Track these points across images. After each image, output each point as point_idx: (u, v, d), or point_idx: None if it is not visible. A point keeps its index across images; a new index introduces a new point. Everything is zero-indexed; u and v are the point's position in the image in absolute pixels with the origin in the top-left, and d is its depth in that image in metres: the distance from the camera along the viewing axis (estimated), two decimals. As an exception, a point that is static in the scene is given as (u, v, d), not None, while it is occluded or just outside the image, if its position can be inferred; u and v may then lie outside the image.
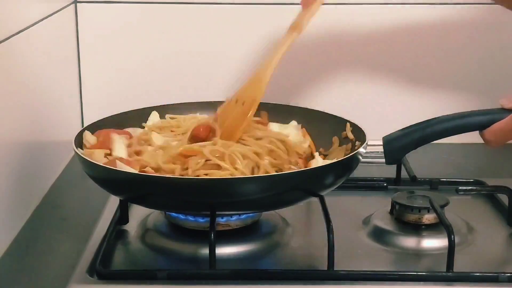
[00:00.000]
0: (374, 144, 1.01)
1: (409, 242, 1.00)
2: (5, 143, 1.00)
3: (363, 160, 0.98)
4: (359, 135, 1.03)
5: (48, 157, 1.20)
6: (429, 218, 1.01)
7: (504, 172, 1.27)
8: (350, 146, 1.05)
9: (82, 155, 0.95)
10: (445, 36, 1.38)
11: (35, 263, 0.96)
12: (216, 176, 0.94)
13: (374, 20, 1.37)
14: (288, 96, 1.35)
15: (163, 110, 1.14)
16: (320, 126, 1.10)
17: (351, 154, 0.96)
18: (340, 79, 1.40)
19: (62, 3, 1.29)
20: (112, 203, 1.07)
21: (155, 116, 1.13)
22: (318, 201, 0.96)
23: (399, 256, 0.98)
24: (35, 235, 1.03)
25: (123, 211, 1.03)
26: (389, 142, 1.01)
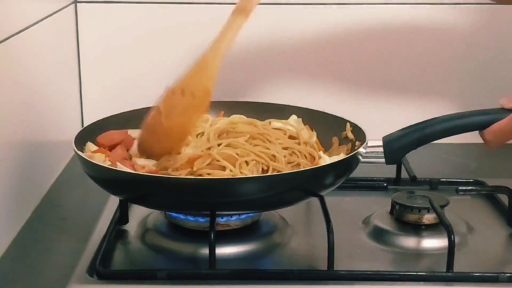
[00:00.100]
0: (374, 144, 1.01)
1: (409, 242, 1.00)
2: (5, 143, 1.00)
3: (363, 160, 0.98)
4: (359, 135, 1.03)
5: (48, 157, 1.19)
6: (429, 218, 1.01)
7: (504, 172, 1.27)
8: (350, 146, 1.05)
9: (82, 155, 0.95)
10: (445, 36, 1.38)
11: (35, 263, 0.96)
12: (217, 176, 0.94)
13: (375, 20, 1.37)
14: (288, 96, 1.35)
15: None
16: (320, 126, 1.10)
17: (351, 154, 0.96)
18: (340, 79, 1.40)
19: (62, 3, 1.29)
20: (112, 203, 1.07)
21: None
22: (318, 201, 0.96)
23: (399, 256, 0.98)
24: (35, 235, 1.03)
25: (123, 211, 1.03)
26: (389, 142, 1.01)
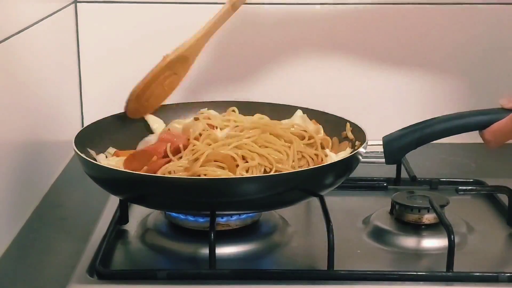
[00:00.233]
0: (374, 144, 1.01)
1: (409, 242, 1.00)
2: (5, 143, 1.00)
3: (363, 160, 0.98)
4: (359, 135, 1.03)
5: (48, 157, 1.19)
6: (429, 218, 1.01)
7: (504, 172, 1.27)
8: (351, 145, 1.05)
9: (82, 156, 0.95)
10: (445, 36, 1.38)
11: (35, 263, 0.96)
12: (212, 176, 0.94)
13: (375, 20, 1.37)
14: (288, 96, 1.35)
15: (163, 109, 1.14)
16: (320, 126, 1.10)
17: (351, 154, 0.96)
18: (340, 79, 1.40)
19: (62, 3, 1.29)
20: (112, 203, 1.07)
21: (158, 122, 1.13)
22: (318, 201, 0.96)
23: (399, 256, 0.98)
24: (35, 235, 1.03)
25: (123, 211, 1.03)
26: (389, 142, 1.01)
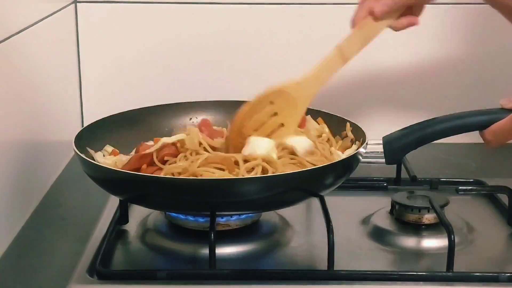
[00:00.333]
0: (374, 144, 1.01)
1: (409, 242, 1.00)
2: (5, 142, 1.00)
3: (363, 160, 0.98)
4: (359, 135, 1.03)
5: (48, 157, 1.19)
6: (429, 218, 1.01)
7: (504, 172, 1.27)
8: (351, 145, 1.05)
9: (82, 156, 0.95)
10: (445, 36, 1.38)
11: (35, 263, 0.96)
12: (209, 177, 0.93)
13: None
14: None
15: (162, 110, 1.14)
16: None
17: (351, 154, 0.96)
18: (340, 78, 1.39)
19: (62, 3, 1.29)
20: (112, 203, 1.07)
21: None
22: (318, 201, 0.96)
23: (399, 256, 0.98)
24: (35, 235, 1.03)
25: (123, 211, 1.03)
26: (389, 142, 1.01)
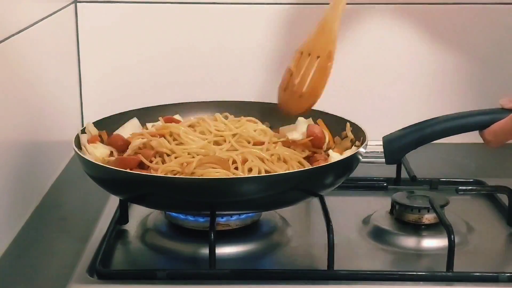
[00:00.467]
0: (374, 144, 1.01)
1: (409, 242, 1.00)
2: (5, 142, 1.00)
3: (363, 160, 0.98)
4: (359, 135, 1.03)
5: (48, 157, 1.19)
6: (429, 218, 1.01)
7: (504, 172, 1.27)
8: (351, 145, 1.05)
9: (82, 155, 0.95)
10: (445, 36, 1.38)
11: (35, 263, 0.96)
12: (210, 176, 0.94)
13: (374, 19, 1.37)
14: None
15: (163, 110, 1.14)
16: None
17: (351, 154, 0.96)
18: (340, 78, 1.39)
19: (62, 3, 1.29)
20: (112, 203, 1.07)
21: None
22: (318, 201, 0.96)
23: (399, 256, 0.98)
24: (35, 235, 1.03)
25: (123, 211, 1.03)
26: (389, 142, 1.01)
